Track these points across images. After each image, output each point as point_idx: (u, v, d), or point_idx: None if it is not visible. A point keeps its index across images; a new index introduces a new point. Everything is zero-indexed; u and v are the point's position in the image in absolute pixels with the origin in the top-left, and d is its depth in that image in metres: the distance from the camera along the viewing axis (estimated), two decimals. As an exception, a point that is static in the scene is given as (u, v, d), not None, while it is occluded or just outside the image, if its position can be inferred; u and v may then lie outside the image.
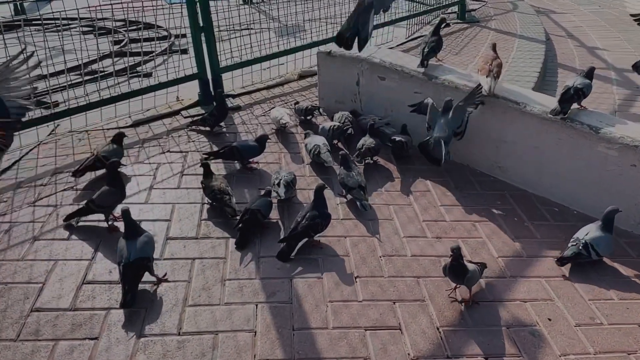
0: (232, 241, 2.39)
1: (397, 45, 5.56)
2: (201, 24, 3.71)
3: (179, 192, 2.72)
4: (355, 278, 2.22)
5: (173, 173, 2.88)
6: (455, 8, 6.75)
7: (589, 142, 2.68)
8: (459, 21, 6.61)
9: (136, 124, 3.51)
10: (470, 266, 2.10)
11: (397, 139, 3.11)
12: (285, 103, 3.94)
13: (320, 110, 3.72)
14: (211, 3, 3.73)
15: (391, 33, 5.78)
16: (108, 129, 3.42)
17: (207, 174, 2.63)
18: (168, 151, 3.12)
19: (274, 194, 2.59)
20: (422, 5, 6.42)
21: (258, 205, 2.45)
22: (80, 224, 2.45)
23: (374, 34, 5.60)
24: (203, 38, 3.76)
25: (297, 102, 3.75)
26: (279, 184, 2.62)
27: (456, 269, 2.05)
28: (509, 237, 2.56)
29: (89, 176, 2.83)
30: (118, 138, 2.91)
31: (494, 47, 3.23)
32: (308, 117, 3.60)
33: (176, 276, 2.17)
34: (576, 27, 6.76)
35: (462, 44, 5.53)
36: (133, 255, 2.00)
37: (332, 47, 3.82)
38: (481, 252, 2.44)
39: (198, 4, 3.61)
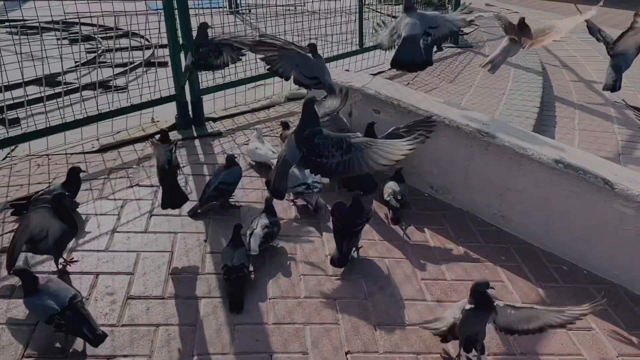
0: (203, 302, 2.06)
1: (389, 69, 5.33)
2: (181, 42, 3.40)
3: (146, 238, 2.38)
4: (347, 354, 1.91)
5: (140, 213, 2.54)
6: (449, 32, 6.56)
7: (604, 198, 2.44)
8: (452, 45, 6.43)
9: (104, 149, 3.16)
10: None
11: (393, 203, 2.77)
12: (271, 130, 3.64)
13: None
14: (192, 11, 3.43)
15: (383, 55, 5.55)
16: (72, 154, 3.07)
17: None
18: (137, 185, 2.78)
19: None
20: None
21: (239, 259, 2.14)
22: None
23: (366, 55, 5.38)
24: (182, 56, 3.45)
25: (286, 125, 3.41)
26: (251, 235, 2.30)
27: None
28: (517, 302, 2.29)
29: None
30: (71, 175, 2.47)
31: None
32: None
33: (134, 349, 1.83)
34: (570, 56, 6.64)
35: (456, 70, 5.32)
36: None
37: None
38: (486, 321, 2.17)
39: (177, 18, 3.30)
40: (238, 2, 8.83)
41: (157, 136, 2.87)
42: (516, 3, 13.49)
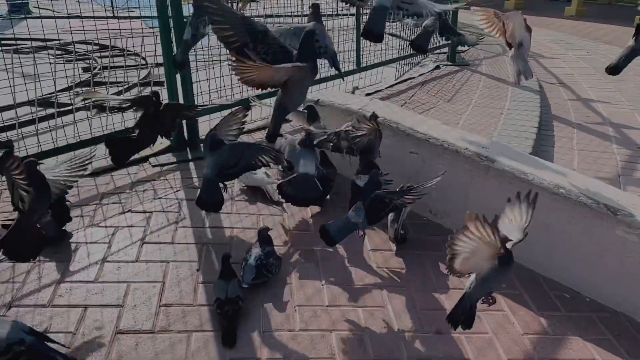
0: (195, 336, 1.99)
1: (386, 88, 5.32)
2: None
3: (137, 267, 2.31)
4: (343, 392, 1.84)
5: (132, 241, 2.48)
6: (446, 49, 6.58)
7: (606, 224, 2.39)
8: (449, 63, 6.43)
9: (96, 173, 3.10)
10: None
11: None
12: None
13: None
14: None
15: (380, 74, 5.55)
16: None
17: None
18: (129, 211, 2.72)
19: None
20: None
21: (232, 291, 2.07)
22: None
23: (362, 74, 5.36)
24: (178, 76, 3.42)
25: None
26: (244, 267, 2.23)
27: None
28: (518, 333, 2.22)
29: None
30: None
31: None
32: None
33: (122, 390, 1.76)
34: (566, 74, 6.64)
35: (453, 89, 5.31)
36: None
37: (320, 94, 3.52)
38: (488, 354, 2.10)
39: (174, 36, 3.27)
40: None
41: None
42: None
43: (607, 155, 4.01)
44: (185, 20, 3.24)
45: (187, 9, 3.52)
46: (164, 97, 3.43)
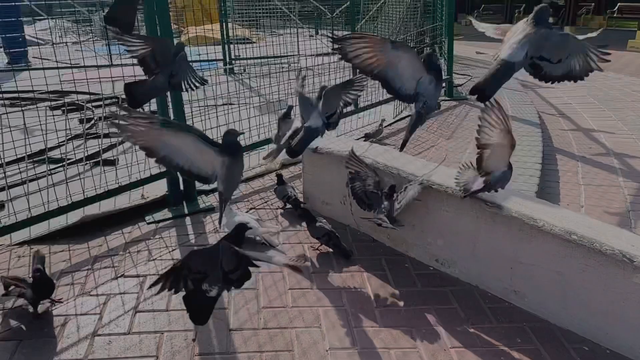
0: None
1: (385, 126, 5.27)
2: (172, 118, 3.32)
3: (129, 340, 2.17)
4: None
5: (125, 310, 2.35)
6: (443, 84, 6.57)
7: (623, 272, 2.26)
8: (446, 98, 6.41)
9: (90, 234, 3.00)
10: None
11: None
12: (265, 202, 3.50)
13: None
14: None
15: (379, 112, 5.51)
16: (54, 243, 2.91)
17: None
18: (122, 275, 2.60)
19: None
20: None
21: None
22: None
23: (360, 114, 5.33)
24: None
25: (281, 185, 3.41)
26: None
27: None
28: (540, 395, 2.07)
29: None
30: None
31: None
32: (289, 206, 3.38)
33: None
34: (565, 104, 6.61)
35: (453, 125, 5.26)
36: None
37: (319, 142, 3.45)
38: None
39: (169, 100, 3.25)
40: (232, 62, 8.97)
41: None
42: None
43: (615, 189, 3.90)
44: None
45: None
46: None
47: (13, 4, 6.68)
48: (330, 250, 2.92)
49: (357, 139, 4.75)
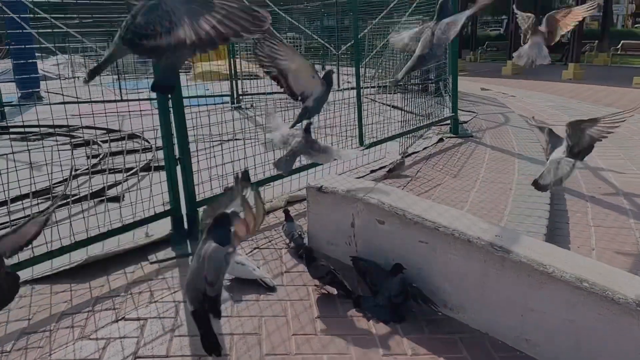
0: None
1: (390, 163, 5.26)
2: (177, 155, 3.33)
3: (128, 389, 2.12)
4: None
5: (124, 355, 2.28)
6: (448, 121, 6.60)
7: (637, 322, 2.19)
8: (452, 135, 6.42)
9: (91, 275, 2.96)
10: None
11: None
12: (270, 242, 3.46)
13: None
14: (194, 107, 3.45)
15: (384, 149, 5.52)
16: (56, 282, 2.87)
17: None
18: (123, 318, 2.55)
19: None
20: (415, 117, 6.21)
21: None
22: None
23: (365, 151, 5.32)
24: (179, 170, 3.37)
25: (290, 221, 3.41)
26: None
27: None
28: None
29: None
30: None
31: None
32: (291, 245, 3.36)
33: None
34: (572, 141, 6.58)
35: (459, 163, 5.24)
36: None
37: (324, 180, 3.43)
38: None
39: (175, 137, 3.26)
40: (240, 97, 9.09)
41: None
42: (510, 85, 13.90)
43: (626, 231, 3.83)
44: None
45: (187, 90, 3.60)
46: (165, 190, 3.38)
47: (27, 46, 6.88)
48: (335, 293, 2.86)
49: (361, 177, 4.74)
